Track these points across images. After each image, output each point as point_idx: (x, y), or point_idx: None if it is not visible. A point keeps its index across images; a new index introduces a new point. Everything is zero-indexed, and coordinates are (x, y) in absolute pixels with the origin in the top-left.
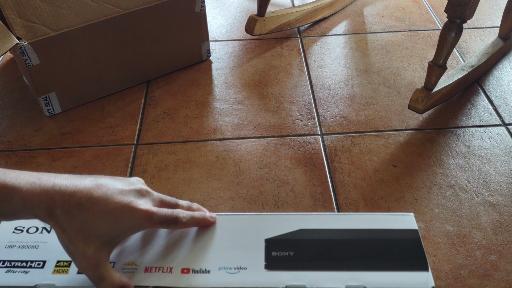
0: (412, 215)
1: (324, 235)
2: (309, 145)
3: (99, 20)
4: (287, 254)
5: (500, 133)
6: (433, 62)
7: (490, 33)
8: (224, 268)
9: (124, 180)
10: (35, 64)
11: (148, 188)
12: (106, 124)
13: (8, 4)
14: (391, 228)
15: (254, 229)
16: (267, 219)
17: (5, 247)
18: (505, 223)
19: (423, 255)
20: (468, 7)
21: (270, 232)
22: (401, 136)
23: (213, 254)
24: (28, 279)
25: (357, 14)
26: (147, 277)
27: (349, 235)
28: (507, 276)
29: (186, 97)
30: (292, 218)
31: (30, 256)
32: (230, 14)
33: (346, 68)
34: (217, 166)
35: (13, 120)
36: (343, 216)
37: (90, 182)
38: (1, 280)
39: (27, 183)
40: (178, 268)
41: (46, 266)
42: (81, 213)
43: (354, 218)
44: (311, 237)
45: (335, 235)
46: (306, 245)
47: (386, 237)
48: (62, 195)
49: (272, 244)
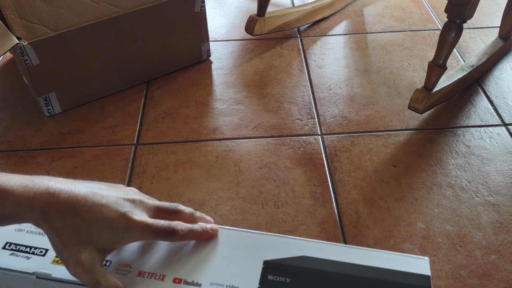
0: (427, 260)
1: (327, 266)
2: (309, 145)
3: (99, 20)
4: (284, 280)
5: (500, 133)
6: (433, 62)
7: (490, 33)
8: (216, 284)
9: (119, 189)
10: (35, 64)
11: (144, 198)
12: (106, 124)
13: (8, 4)
14: (401, 270)
15: (254, 249)
16: (270, 240)
17: (15, 230)
18: (505, 223)
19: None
20: (468, 7)
21: (270, 254)
22: (401, 136)
23: (208, 268)
24: (28, 265)
25: (357, 14)
26: (138, 282)
27: (355, 270)
28: (507, 276)
29: (186, 97)
30: (297, 243)
31: (35, 242)
32: (230, 14)
33: (346, 68)
34: (217, 166)
35: (13, 120)
36: (352, 249)
37: (85, 188)
38: (4, 262)
39: (20, 186)
40: (171, 277)
41: (47, 255)
42: (76, 218)
43: (364, 253)
44: (312, 266)
45: (339, 268)
46: (306, 274)
47: (393, 279)
48: (56, 198)
49: (270, 267)
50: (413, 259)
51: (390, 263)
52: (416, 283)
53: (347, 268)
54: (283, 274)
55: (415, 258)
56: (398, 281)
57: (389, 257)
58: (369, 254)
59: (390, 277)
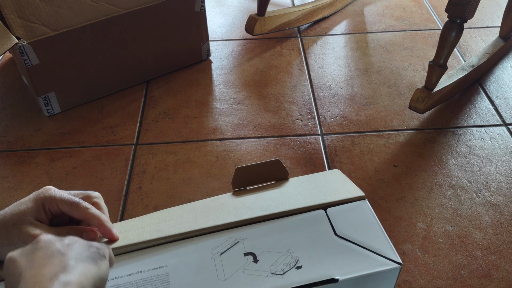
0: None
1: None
2: (309, 145)
3: (98, 20)
4: None
5: (500, 133)
6: (434, 62)
7: (490, 33)
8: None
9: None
10: (34, 64)
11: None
12: (105, 124)
13: (7, 4)
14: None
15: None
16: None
17: None
18: (505, 223)
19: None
20: (469, 7)
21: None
22: (402, 136)
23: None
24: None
25: (358, 13)
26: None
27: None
28: (508, 276)
29: (186, 97)
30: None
31: None
32: (230, 13)
33: (346, 67)
34: (217, 166)
35: (12, 120)
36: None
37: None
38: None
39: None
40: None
41: None
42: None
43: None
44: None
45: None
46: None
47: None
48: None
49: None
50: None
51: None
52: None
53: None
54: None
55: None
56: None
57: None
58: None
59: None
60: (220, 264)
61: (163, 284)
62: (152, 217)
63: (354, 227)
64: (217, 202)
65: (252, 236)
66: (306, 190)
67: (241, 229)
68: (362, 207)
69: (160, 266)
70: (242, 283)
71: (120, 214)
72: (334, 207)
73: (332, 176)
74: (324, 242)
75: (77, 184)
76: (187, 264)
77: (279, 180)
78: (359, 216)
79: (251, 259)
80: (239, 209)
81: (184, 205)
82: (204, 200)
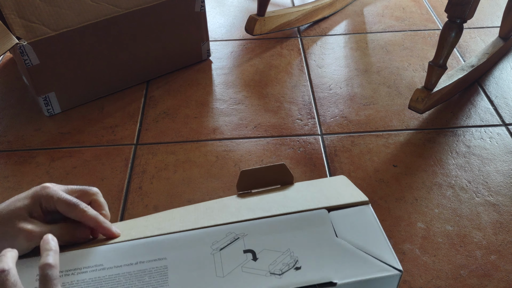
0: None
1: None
2: (309, 145)
3: (98, 20)
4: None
5: (500, 133)
6: (433, 62)
7: (490, 33)
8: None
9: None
10: (34, 64)
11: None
12: (105, 124)
13: (8, 4)
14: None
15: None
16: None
17: None
18: (505, 223)
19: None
20: (468, 7)
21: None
22: (401, 136)
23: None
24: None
25: (357, 13)
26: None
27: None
28: (507, 276)
29: (186, 97)
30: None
31: None
32: (230, 14)
33: (346, 68)
34: (217, 166)
35: (12, 120)
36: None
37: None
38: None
39: None
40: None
41: None
42: None
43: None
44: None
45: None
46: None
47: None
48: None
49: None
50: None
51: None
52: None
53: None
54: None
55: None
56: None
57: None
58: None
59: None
60: (219, 260)
61: (162, 277)
62: (156, 217)
63: (356, 231)
64: (220, 203)
65: (253, 232)
66: (309, 194)
67: (241, 225)
68: (365, 211)
69: (159, 258)
70: (239, 281)
71: (120, 214)
72: (336, 210)
73: (337, 181)
74: (325, 244)
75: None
76: (186, 258)
77: (284, 184)
78: (362, 220)
79: (250, 257)
80: (241, 210)
81: (187, 206)
82: (207, 202)
